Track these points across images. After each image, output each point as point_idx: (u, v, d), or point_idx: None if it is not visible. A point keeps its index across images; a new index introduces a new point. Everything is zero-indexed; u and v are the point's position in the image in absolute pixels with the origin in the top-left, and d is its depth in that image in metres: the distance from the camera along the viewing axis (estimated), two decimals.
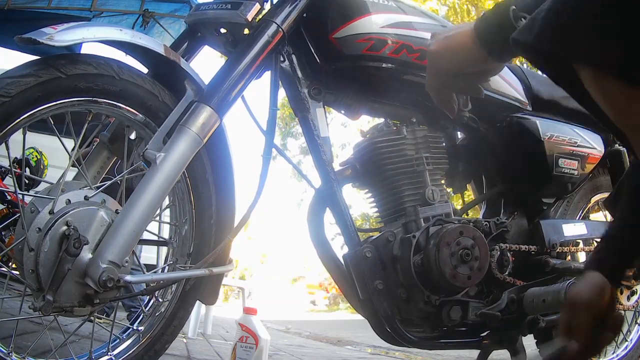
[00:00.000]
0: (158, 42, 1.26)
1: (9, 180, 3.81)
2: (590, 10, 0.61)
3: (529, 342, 1.51)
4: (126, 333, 1.33)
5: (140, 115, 1.25)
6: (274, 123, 1.33)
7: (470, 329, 1.43)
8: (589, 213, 1.82)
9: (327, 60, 1.38)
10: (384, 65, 1.37)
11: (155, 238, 1.44)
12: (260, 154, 1.29)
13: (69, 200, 1.12)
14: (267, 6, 1.35)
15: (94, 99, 1.16)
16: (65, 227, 1.08)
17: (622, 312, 1.72)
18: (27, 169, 3.89)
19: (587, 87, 0.65)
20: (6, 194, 3.46)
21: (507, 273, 1.44)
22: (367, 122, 12.36)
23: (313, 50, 1.39)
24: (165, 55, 1.24)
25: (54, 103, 1.11)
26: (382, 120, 1.51)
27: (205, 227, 1.36)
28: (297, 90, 1.38)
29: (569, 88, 0.72)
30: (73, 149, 1.18)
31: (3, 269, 1.30)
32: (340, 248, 2.12)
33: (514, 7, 0.95)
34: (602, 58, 0.61)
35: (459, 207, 1.55)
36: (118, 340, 1.31)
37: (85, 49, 2.33)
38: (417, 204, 1.39)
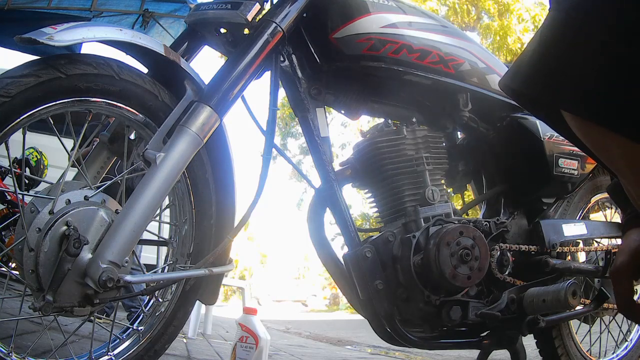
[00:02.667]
0: (158, 42, 1.26)
1: (9, 180, 3.81)
2: (571, 59, 0.66)
3: (529, 342, 1.51)
4: (126, 333, 1.33)
5: (140, 115, 1.25)
6: (274, 123, 1.33)
7: (470, 329, 1.43)
8: (589, 213, 1.82)
9: (327, 60, 1.38)
10: (384, 65, 1.37)
11: (155, 238, 1.44)
12: (260, 154, 1.29)
13: (69, 200, 1.12)
14: (267, 6, 1.35)
15: (94, 99, 1.16)
16: (65, 227, 1.08)
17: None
18: (27, 169, 3.89)
19: (573, 130, 0.70)
20: (6, 194, 3.46)
21: (507, 273, 1.44)
22: (367, 122, 12.37)
23: (313, 50, 1.39)
24: (165, 55, 1.24)
25: (54, 103, 1.11)
26: (382, 120, 1.51)
27: (205, 227, 1.36)
28: (297, 90, 1.37)
29: (556, 127, 0.76)
30: (73, 149, 1.18)
31: (3, 269, 1.30)
32: (340, 248, 2.12)
33: None
34: (584, 107, 0.65)
35: (459, 207, 1.55)
36: (118, 340, 1.31)
37: (85, 49, 2.33)
38: (417, 204, 1.39)
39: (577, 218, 1.73)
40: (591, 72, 0.65)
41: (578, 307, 1.48)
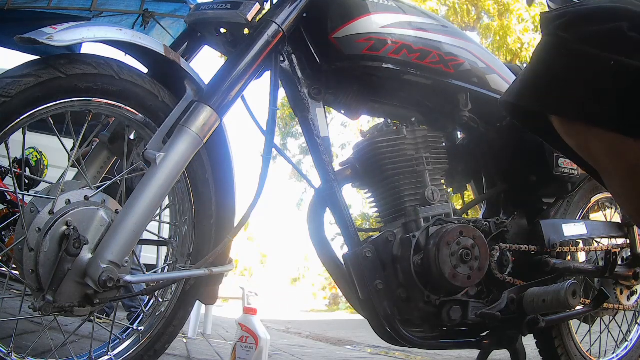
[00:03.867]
0: (158, 42, 1.26)
1: (9, 180, 3.81)
2: (556, 70, 0.78)
3: (529, 342, 1.51)
4: (126, 333, 1.33)
5: (140, 115, 1.25)
6: (274, 123, 1.33)
7: (470, 329, 1.43)
8: (589, 213, 1.82)
9: (327, 60, 1.38)
10: (384, 65, 1.37)
11: (155, 238, 1.44)
12: (260, 154, 1.29)
13: (69, 200, 1.12)
14: (267, 6, 1.35)
15: (94, 99, 1.16)
16: (65, 227, 1.08)
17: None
18: (27, 169, 3.89)
19: (560, 134, 0.81)
20: (6, 194, 3.46)
21: (507, 273, 1.44)
22: (367, 122, 12.38)
23: (313, 50, 1.39)
24: (165, 55, 1.24)
25: (54, 103, 1.11)
26: (382, 120, 1.51)
27: (205, 227, 1.36)
28: (297, 90, 1.37)
29: (544, 136, 0.89)
30: (73, 149, 1.18)
31: (3, 269, 1.30)
32: (340, 248, 2.12)
33: None
34: (569, 108, 0.77)
35: (459, 207, 1.55)
36: (118, 340, 1.31)
37: (85, 49, 2.32)
38: (417, 204, 1.39)
39: (577, 218, 1.73)
40: (573, 78, 0.76)
41: (578, 307, 1.48)
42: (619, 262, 1.66)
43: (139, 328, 1.33)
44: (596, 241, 1.74)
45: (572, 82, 0.76)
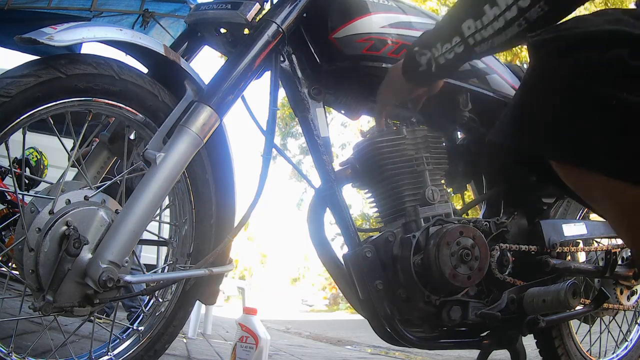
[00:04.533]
0: (158, 42, 1.26)
1: (9, 180, 3.82)
2: (544, 105, 0.71)
3: (529, 342, 1.51)
4: (126, 333, 1.33)
5: (140, 115, 1.25)
6: (274, 123, 1.33)
7: (470, 329, 1.43)
8: (589, 213, 1.82)
9: (327, 60, 1.38)
10: (384, 65, 1.37)
11: (155, 238, 1.44)
12: (260, 154, 1.29)
13: (69, 200, 1.12)
14: (267, 6, 1.35)
15: (94, 99, 1.16)
16: (65, 227, 1.08)
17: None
18: (27, 169, 3.89)
19: (561, 177, 0.75)
20: (6, 194, 3.47)
21: (507, 273, 1.44)
22: (367, 122, 12.37)
23: (313, 50, 1.39)
24: (165, 55, 1.24)
25: (54, 103, 1.11)
26: None
27: (205, 227, 1.36)
28: (297, 90, 1.37)
29: (538, 176, 0.84)
30: (73, 149, 1.18)
31: (3, 269, 1.30)
32: (340, 248, 2.12)
33: (416, 47, 1.19)
34: (562, 152, 0.71)
35: (459, 207, 1.55)
36: (118, 340, 1.31)
37: (85, 49, 2.33)
38: (417, 204, 1.38)
39: (577, 218, 1.73)
40: (569, 116, 0.68)
41: (578, 307, 1.48)
42: (619, 262, 1.66)
43: (139, 328, 1.33)
44: (596, 241, 1.74)
45: (566, 121, 0.69)
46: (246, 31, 1.32)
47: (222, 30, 1.37)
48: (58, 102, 1.11)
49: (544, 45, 0.72)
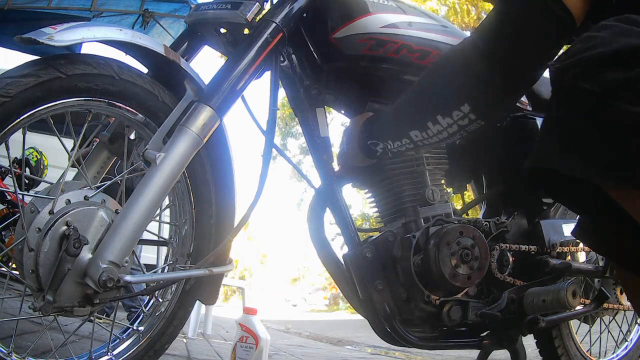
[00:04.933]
0: (158, 42, 1.26)
1: (9, 180, 3.81)
2: (588, 134, 0.68)
3: (529, 342, 1.51)
4: (126, 333, 1.33)
5: (140, 115, 1.25)
6: (274, 123, 1.33)
7: (470, 329, 1.43)
8: None
9: (327, 60, 1.38)
10: (384, 65, 1.37)
11: (155, 238, 1.44)
12: (260, 154, 1.29)
13: (69, 200, 1.12)
14: (267, 6, 1.35)
15: (94, 99, 1.16)
16: (65, 227, 1.08)
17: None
18: (27, 169, 3.89)
19: (618, 200, 0.71)
20: (6, 194, 3.46)
21: (507, 273, 1.44)
22: None
23: (313, 50, 1.38)
24: (165, 55, 1.24)
25: (54, 103, 1.11)
26: None
27: (205, 227, 1.36)
28: (297, 90, 1.37)
29: (570, 203, 0.83)
30: (73, 149, 1.18)
31: (3, 269, 1.30)
32: (340, 248, 2.12)
33: (369, 142, 1.29)
34: (614, 173, 0.67)
35: (459, 207, 1.55)
36: (118, 340, 1.31)
37: (85, 49, 2.33)
38: (417, 204, 1.39)
39: (577, 218, 1.72)
40: (610, 138, 0.65)
41: (578, 307, 1.48)
42: None
43: (139, 328, 1.33)
44: None
45: (611, 143, 0.66)
46: (246, 31, 1.32)
47: (222, 30, 1.37)
48: (58, 102, 1.11)
49: (570, 68, 0.71)
